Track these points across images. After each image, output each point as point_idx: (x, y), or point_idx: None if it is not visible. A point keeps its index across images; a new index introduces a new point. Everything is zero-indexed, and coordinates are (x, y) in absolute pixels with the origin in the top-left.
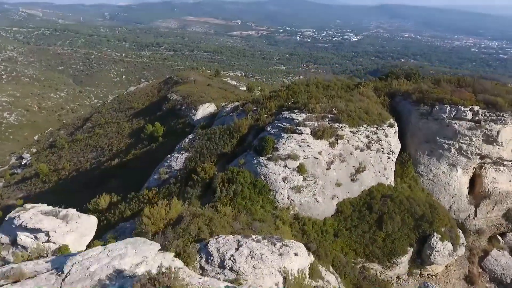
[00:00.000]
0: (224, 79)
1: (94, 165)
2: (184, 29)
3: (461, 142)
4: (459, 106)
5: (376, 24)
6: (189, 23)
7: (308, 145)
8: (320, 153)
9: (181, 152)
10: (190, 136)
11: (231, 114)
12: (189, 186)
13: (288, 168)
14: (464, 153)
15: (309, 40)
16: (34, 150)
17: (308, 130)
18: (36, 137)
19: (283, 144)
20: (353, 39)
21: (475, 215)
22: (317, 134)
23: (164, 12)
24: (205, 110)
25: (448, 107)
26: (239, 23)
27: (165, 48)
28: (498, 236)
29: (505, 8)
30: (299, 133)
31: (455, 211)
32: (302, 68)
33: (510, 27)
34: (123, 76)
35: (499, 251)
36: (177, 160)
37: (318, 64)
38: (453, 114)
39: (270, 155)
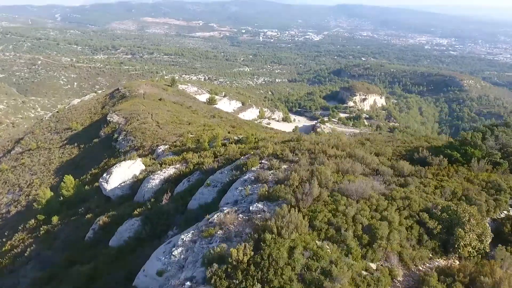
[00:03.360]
0: (184, 86)
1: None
2: (143, 30)
3: None
4: None
5: (335, 23)
6: (148, 25)
7: None
8: None
9: None
10: None
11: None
12: None
13: None
14: None
15: (272, 40)
16: None
17: None
18: None
19: None
20: (315, 39)
21: None
22: None
23: (120, 13)
24: (124, 173)
25: None
26: (201, 24)
27: (122, 52)
28: None
29: (457, 8)
30: None
31: None
32: (267, 69)
33: (458, 25)
34: (75, 83)
35: None
36: None
37: (282, 64)
38: None
39: None
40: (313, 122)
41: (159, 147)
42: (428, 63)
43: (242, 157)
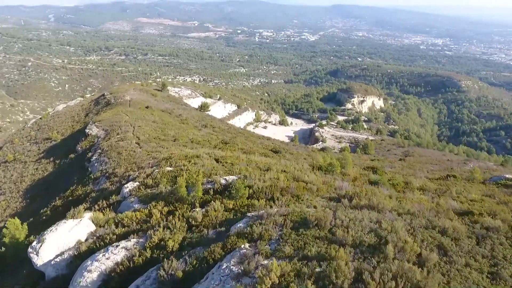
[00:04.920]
0: (177, 89)
1: None
2: (137, 31)
3: None
4: None
5: (330, 23)
6: (142, 25)
7: None
8: None
9: None
10: None
11: None
12: None
13: None
14: None
15: (267, 40)
16: None
17: None
18: None
19: None
20: (311, 39)
21: None
22: None
23: (115, 13)
24: (63, 240)
25: None
26: (196, 24)
27: (116, 52)
28: None
29: (451, 8)
30: None
31: None
32: (263, 70)
33: (452, 26)
34: (66, 85)
35: None
36: None
37: (278, 65)
38: None
39: None
40: (311, 126)
41: (126, 186)
42: (424, 63)
43: (225, 264)
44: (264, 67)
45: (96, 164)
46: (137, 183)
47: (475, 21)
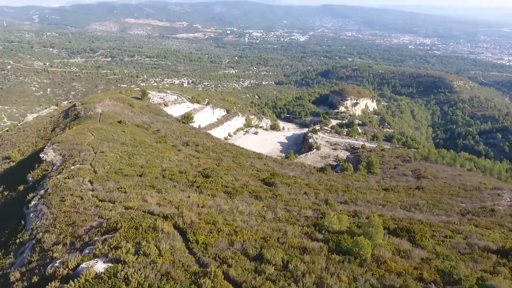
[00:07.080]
0: (163, 94)
1: None
2: (125, 32)
3: None
4: None
5: (320, 24)
6: (130, 26)
7: None
8: None
9: None
10: None
11: None
12: None
13: None
14: None
15: (257, 41)
16: None
17: None
18: None
19: None
20: (300, 39)
21: None
22: None
23: (102, 14)
24: None
25: None
26: (185, 25)
27: (101, 54)
28: None
29: (437, 8)
30: None
31: None
32: (253, 71)
33: (439, 25)
34: (48, 90)
35: None
36: None
37: (268, 66)
38: None
39: None
40: (304, 130)
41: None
42: (414, 63)
43: None
44: (255, 68)
45: (32, 215)
46: None
47: (461, 21)
